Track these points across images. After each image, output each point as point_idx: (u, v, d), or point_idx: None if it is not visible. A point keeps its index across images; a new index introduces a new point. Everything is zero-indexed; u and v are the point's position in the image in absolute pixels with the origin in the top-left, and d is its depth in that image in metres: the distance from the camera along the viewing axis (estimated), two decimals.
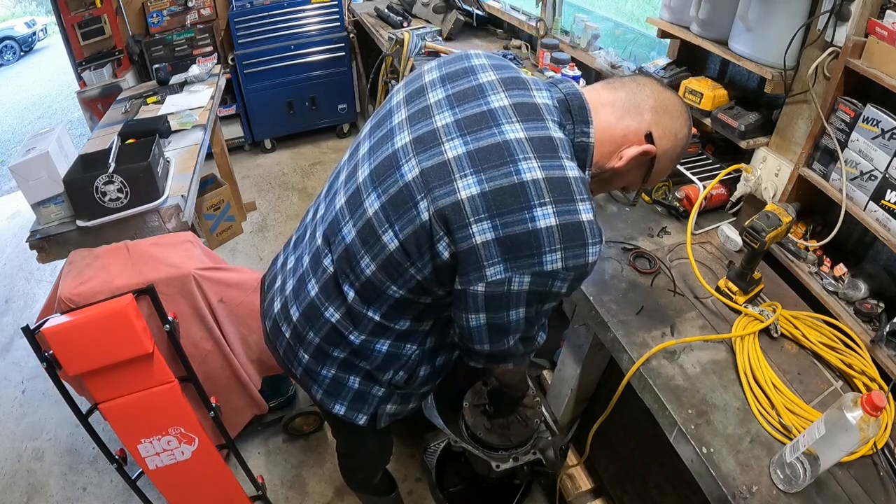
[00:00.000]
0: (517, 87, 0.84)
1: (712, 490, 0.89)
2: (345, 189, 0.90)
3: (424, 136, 0.82)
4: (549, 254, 0.74)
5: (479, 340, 0.86)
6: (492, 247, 0.74)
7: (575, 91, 0.87)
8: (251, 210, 3.32)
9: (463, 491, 1.70)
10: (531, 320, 0.85)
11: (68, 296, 1.35)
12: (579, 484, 1.62)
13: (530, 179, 0.74)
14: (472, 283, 0.77)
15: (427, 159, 0.79)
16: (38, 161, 1.56)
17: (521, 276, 0.76)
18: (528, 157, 0.76)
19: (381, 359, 0.96)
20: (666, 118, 0.85)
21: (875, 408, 0.72)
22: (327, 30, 3.58)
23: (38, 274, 2.97)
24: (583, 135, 0.84)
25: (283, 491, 1.83)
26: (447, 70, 0.89)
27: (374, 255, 0.83)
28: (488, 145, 0.77)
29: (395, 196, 0.80)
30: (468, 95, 0.84)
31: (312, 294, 0.94)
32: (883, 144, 1.02)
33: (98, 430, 1.40)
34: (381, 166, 0.84)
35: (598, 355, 1.37)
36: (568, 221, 0.74)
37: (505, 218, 0.74)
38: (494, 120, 0.80)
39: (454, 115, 0.82)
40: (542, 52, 2.33)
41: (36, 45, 9.92)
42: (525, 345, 0.92)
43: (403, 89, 0.93)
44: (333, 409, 1.03)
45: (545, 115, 0.82)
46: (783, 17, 1.19)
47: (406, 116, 0.86)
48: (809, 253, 1.26)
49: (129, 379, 1.29)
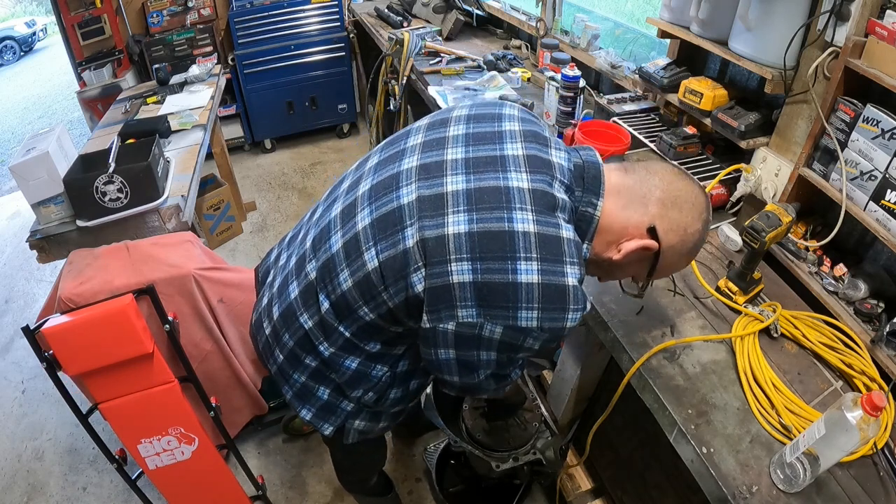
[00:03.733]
0: (536, 142, 0.83)
1: (712, 490, 0.89)
2: (344, 199, 0.90)
3: (431, 165, 0.81)
4: (524, 310, 0.72)
5: (448, 372, 0.84)
6: (467, 289, 0.73)
7: (595, 161, 0.84)
8: (251, 210, 3.32)
9: (463, 491, 1.70)
10: (503, 364, 0.83)
11: (68, 296, 1.35)
12: (579, 484, 1.62)
13: (521, 231, 0.73)
14: (442, 320, 0.75)
15: (427, 188, 0.79)
16: (38, 161, 1.56)
17: (493, 324, 0.74)
18: (525, 208, 0.74)
19: (349, 375, 0.94)
20: (674, 211, 0.80)
21: (875, 408, 0.72)
22: (327, 30, 3.58)
23: (38, 274, 2.97)
24: (589, 205, 0.81)
25: (283, 491, 1.83)
26: (477, 111, 0.89)
27: (352, 271, 0.82)
28: (488, 187, 0.76)
29: (386, 216, 0.80)
30: (486, 138, 0.83)
31: (292, 297, 0.94)
32: (883, 144, 1.02)
33: (98, 430, 1.40)
34: (382, 184, 0.84)
35: (598, 355, 1.37)
36: (551, 282, 0.72)
37: (487, 263, 0.72)
38: (503, 166, 0.79)
39: (466, 152, 0.81)
40: (542, 52, 2.33)
41: (36, 45, 9.92)
42: (497, 381, 0.90)
43: (430, 116, 0.93)
44: (300, 413, 1.03)
45: (555, 173, 0.79)
46: (783, 17, 1.19)
47: (421, 142, 0.86)
48: (809, 253, 1.25)
49: (129, 379, 1.29)
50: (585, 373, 1.41)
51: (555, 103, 1.84)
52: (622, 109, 1.75)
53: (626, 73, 1.91)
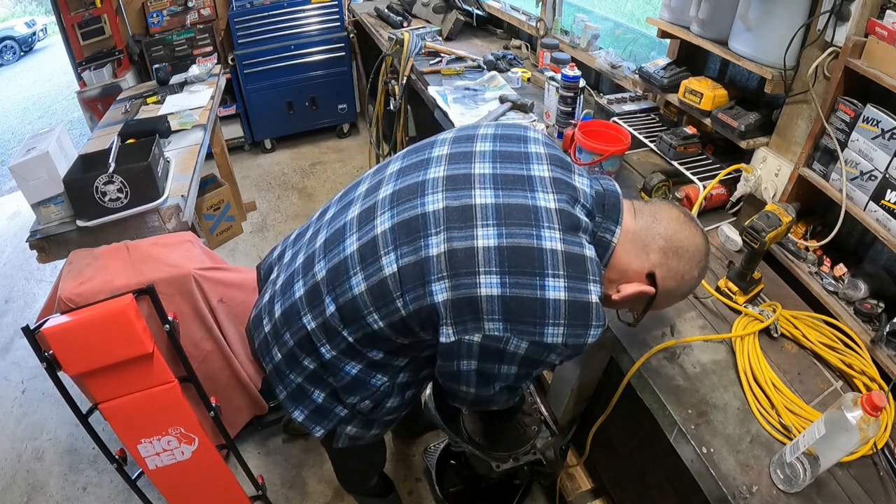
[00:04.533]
0: (561, 167, 0.86)
1: (712, 490, 0.89)
2: (362, 202, 0.89)
3: (458, 176, 0.82)
4: (551, 326, 0.73)
5: (466, 383, 0.84)
6: (495, 303, 0.73)
7: (615, 190, 0.87)
8: (251, 210, 3.32)
9: (463, 491, 1.70)
10: (520, 377, 0.84)
11: (68, 296, 1.35)
12: (579, 484, 1.62)
13: (549, 248, 0.74)
14: (468, 332, 0.76)
15: (454, 199, 0.79)
16: (38, 161, 1.56)
17: (519, 339, 0.75)
18: (553, 227, 0.76)
19: (347, 381, 0.93)
20: (674, 260, 0.83)
21: (875, 408, 0.72)
22: (327, 30, 3.58)
23: (38, 274, 2.97)
24: (607, 231, 0.83)
25: (283, 491, 1.83)
26: (503, 131, 0.91)
27: (367, 275, 0.81)
28: (518, 204, 0.78)
29: (409, 221, 0.80)
30: (513, 157, 0.85)
31: (297, 295, 0.92)
32: (883, 144, 1.02)
33: (98, 430, 1.39)
34: (406, 190, 0.84)
35: (598, 355, 1.37)
36: (577, 299, 0.74)
37: (515, 278, 0.73)
38: (530, 185, 0.80)
39: (494, 168, 0.83)
40: (542, 52, 2.33)
41: (36, 45, 9.93)
42: (509, 393, 0.91)
43: (455, 131, 0.94)
44: (293, 415, 1.02)
45: (578, 196, 0.82)
46: (783, 17, 1.19)
47: (447, 153, 0.87)
48: (809, 253, 1.25)
49: (129, 379, 1.29)
50: (585, 373, 1.41)
51: (555, 103, 1.84)
52: (622, 109, 1.75)
53: (626, 73, 1.91)
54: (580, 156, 1.52)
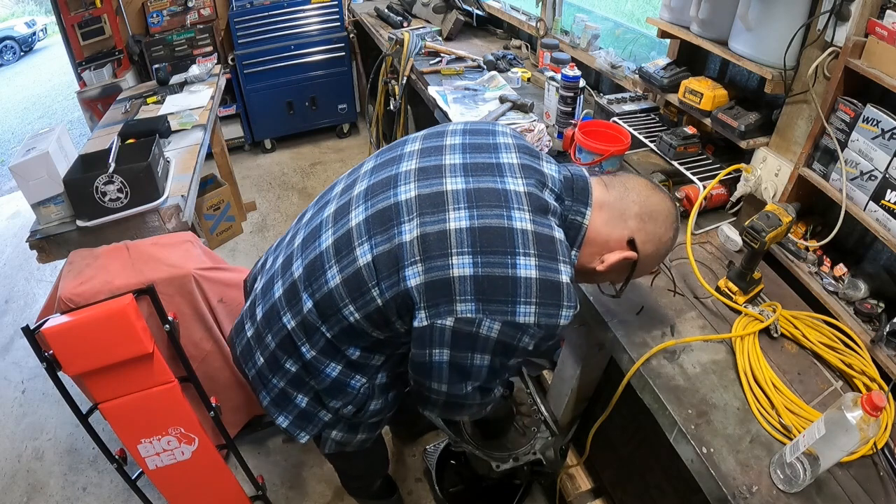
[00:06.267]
0: (529, 154, 0.89)
1: (712, 490, 0.89)
2: (337, 200, 0.91)
3: (430, 168, 0.84)
4: (523, 305, 0.75)
5: (437, 378, 0.84)
6: (467, 283, 0.74)
7: (582, 174, 0.91)
8: (251, 210, 3.32)
9: (463, 491, 1.70)
10: (495, 372, 0.84)
11: (68, 296, 1.35)
12: (579, 484, 1.62)
13: (520, 228, 0.76)
14: (441, 315, 0.76)
15: (426, 187, 0.81)
16: (38, 161, 1.56)
17: (491, 320, 0.75)
18: (523, 208, 0.78)
19: (328, 383, 0.93)
20: (650, 224, 0.87)
21: (875, 408, 0.72)
22: (327, 30, 3.58)
23: (38, 274, 2.97)
24: (578, 214, 0.86)
25: (283, 491, 1.84)
26: (472, 126, 0.94)
27: (342, 267, 0.83)
28: (487, 188, 0.80)
29: (382, 211, 0.82)
30: (482, 148, 0.87)
31: (276, 296, 0.93)
32: (883, 144, 1.02)
33: (98, 430, 1.40)
34: (379, 184, 0.86)
35: (598, 355, 1.37)
36: (548, 278, 0.75)
37: (487, 257, 0.74)
38: (500, 171, 0.83)
39: (464, 158, 0.85)
40: (542, 52, 2.33)
41: (36, 45, 9.93)
42: (482, 395, 0.91)
43: (426, 130, 0.96)
44: (277, 420, 1.02)
45: (546, 181, 0.85)
46: (783, 17, 1.19)
47: (419, 148, 0.90)
48: (809, 253, 1.25)
49: (129, 379, 1.29)
50: (585, 373, 1.41)
51: (555, 103, 1.84)
52: (622, 109, 1.75)
53: (626, 73, 1.91)
54: (580, 156, 1.52)
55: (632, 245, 0.87)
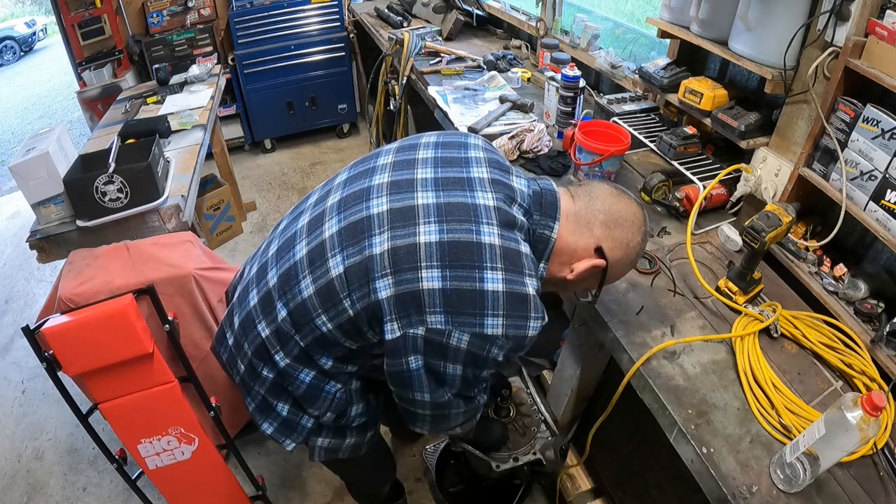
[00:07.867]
0: (500, 169, 0.90)
1: (712, 490, 0.89)
2: (311, 211, 0.92)
3: (402, 181, 0.86)
4: (491, 317, 0.76)
5: (418, 387, 0.85)
6: (436, 296, 0.76)
7: (551, 188, 0.93)
8: (251, 210, 3.32)
9: (463, 491, 1.70)
10: (469, 382, 0.85)
11: (68, 296, 1.35)
12: (579, 484, 1.62)
13: (488, 243, 0.78)
14: (412, 325, 0.78)
15: (397, 201, 0.83)
16: (38, 161, 1.56)
17: (460, 332, 0.77)
18: (491, 223, 0.80)
19: (304, 389, 0.94)
20: (617, 231, 0.89)
21: (875, 408, 0.72)
22: (327, 30, 3.58)
23: (38, 274, 2.97)
24: (546, 228, 0.88)
25: (283, 491, 1.83)
26: (444, 139, 0.95)
27: (315, 278, 0.84)
28: (457, 203, 0.82)
29: (354, 224, 0.83)
30: (453, 162, 0.89)
31: (251, 304, 0.94)
32: (883, 144, 1.02)
33: (98, 430, 1.39)
34: (352, 196, 0.87)
35: (598, 355, 1.37)
36: (515, 291, 0.77)
37: (456, 271, 0.76)
38: (470, 186, 0.85)
39: (436, 172, 0.87)
40: (542, 52, 2.33)
41: (36, 45, 9.93)
42: (465, 402, 0.92)
43: (399, 141, 0.97)
44: (262, 427, 1.03)
45: (516, 196, 0.87)
46: (783, 17, 1.19)
47: (391, 161, 0.91)
48: (809, 253, 1.25)
49: (129, 379, 1.29)
50: (585, 373, 1.41)
51: (555, 103, 1.84)
52: (622, 109, 1.75)
53: (626, 73, 1.91)
54: (580, 156, 1.52)
55: (600, 252, 0.88)
